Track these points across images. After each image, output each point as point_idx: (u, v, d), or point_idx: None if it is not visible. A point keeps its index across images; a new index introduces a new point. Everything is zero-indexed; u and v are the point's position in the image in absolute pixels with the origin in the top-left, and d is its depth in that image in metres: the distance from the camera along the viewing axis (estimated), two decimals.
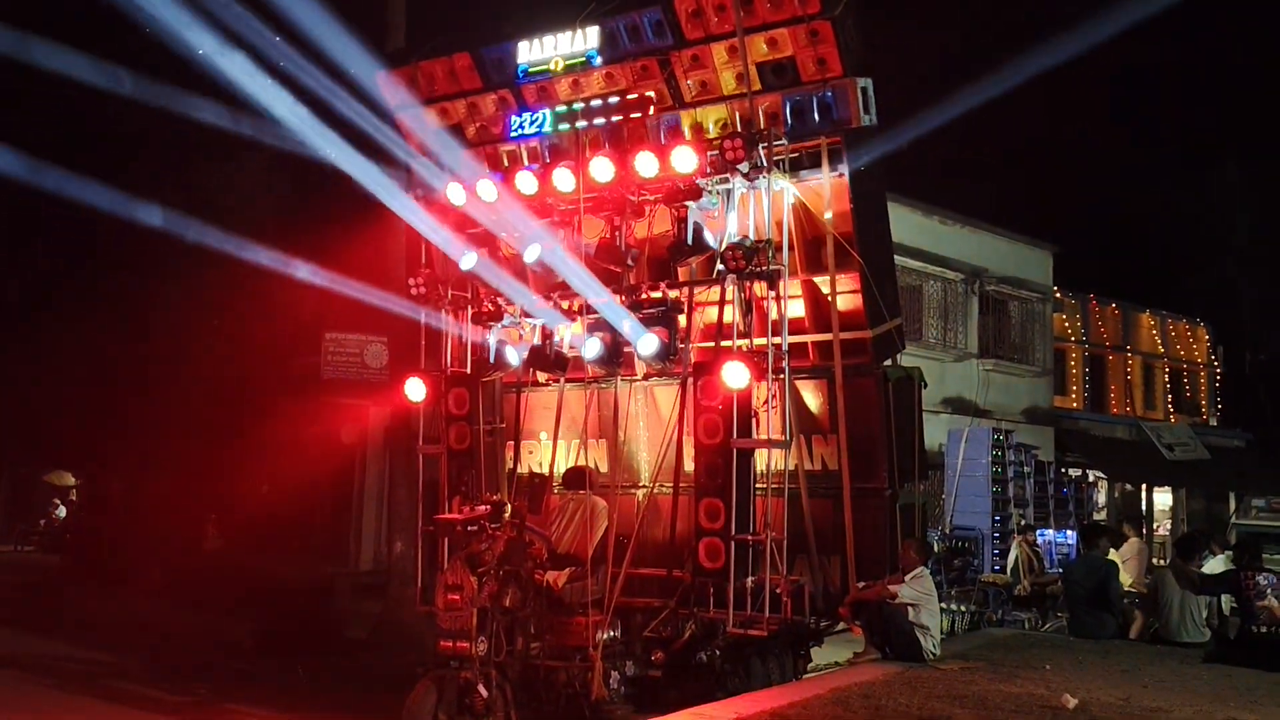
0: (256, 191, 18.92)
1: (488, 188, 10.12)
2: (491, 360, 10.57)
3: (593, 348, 9.58)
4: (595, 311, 9.80)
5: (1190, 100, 35.84)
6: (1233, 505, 26.18)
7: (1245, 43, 34.00)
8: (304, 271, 15.77)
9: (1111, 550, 12.48)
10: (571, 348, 10.07)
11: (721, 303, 9.52)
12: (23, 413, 24.93)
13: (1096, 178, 32.68)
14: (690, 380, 9.29)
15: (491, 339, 10.57)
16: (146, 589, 18.04)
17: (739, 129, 9.28)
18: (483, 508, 8.62)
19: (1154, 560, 18.76)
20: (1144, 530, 23.00)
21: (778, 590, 8.77)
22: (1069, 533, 16.62)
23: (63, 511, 27.20)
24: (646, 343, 9.24)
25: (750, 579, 8.67)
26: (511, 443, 11.11)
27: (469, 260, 10.26)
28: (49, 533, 26.69)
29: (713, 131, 9.81)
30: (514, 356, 10.49)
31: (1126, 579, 12.78)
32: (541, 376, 10.66)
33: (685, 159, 9.12)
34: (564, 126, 9.96)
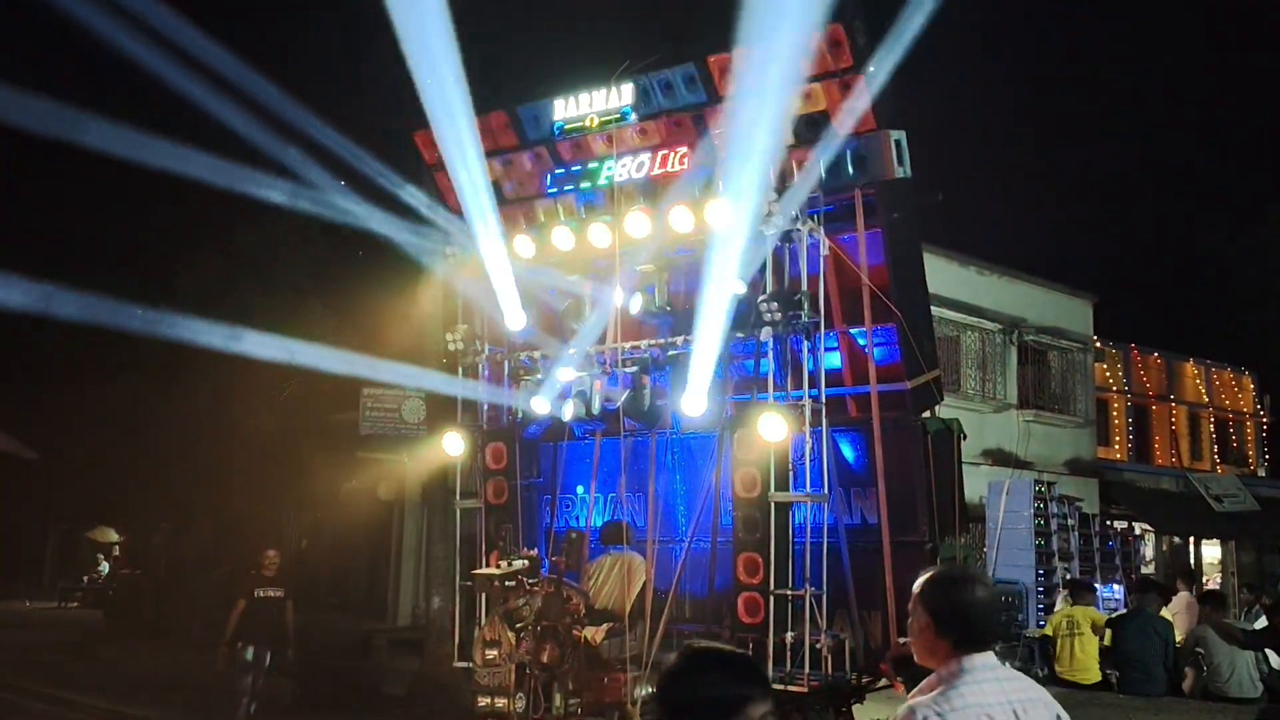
0: (295, 250, 19.23)
1: (525, 244, 10.23)
2: (528, 415, 10.60)
3: (629, 401, 9.58)
4: (632, 365, 9.81)
5: (1231, 145, 35.59)
6: None
7: None
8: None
9: (1162, 606, 12.21)
10: (608, 401, 10.07)
11: (758, 355, 9.51)
12: (66, 471, 25.29)
13: (1136, 226, 32.39)
14: (727, 433, 9.25)
15: (528, 393, 10.60)
16: (188, 643, 18.09)
17: (773, 182, 9.31)
18: (520, 563, 8.60)
19: None
20: (1194, 585, 22.52)
21: (818, 646, 8.65)
22: (1115, 587, 16.27)
23: (106, 567, 27.45)
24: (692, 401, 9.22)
25: (790, 634, 8.56)
26: (549, 497, 11.10)
27: (517, 321, 10.31)
28: (92, 589, 26.92)
29: None
30: (551, 411, 10.50)
31: (1178, 635, 12.50)
32: (578, 430, 10.67)
33: (720, 213, 9.16)
34: (600, 183, 10.07)
